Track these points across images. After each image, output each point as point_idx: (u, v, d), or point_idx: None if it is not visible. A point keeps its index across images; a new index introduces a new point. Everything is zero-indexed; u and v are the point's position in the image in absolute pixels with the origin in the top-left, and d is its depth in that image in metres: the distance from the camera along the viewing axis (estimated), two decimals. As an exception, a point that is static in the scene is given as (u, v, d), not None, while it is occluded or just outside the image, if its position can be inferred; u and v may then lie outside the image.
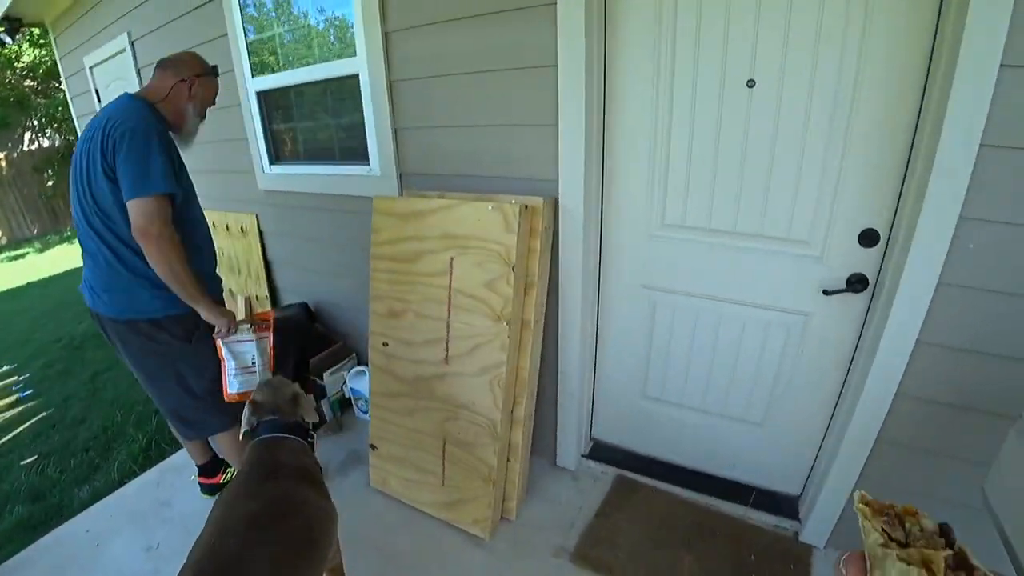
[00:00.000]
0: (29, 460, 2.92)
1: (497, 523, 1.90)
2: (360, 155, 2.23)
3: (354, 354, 2.73)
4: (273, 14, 2.41)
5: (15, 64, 9.71)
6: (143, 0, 3.18)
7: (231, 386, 1.82)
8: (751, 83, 1.51)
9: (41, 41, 9.04)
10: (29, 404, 3.66)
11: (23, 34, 5.91)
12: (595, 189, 1.78)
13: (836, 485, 1.64)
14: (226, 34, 2.58)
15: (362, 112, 2.12)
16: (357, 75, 2.09)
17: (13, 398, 3.73)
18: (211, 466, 2.19)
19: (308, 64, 2.35)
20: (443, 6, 1.76)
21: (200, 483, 2.23)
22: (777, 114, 1.50)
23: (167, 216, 1.55)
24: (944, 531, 0.48)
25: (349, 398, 2.60)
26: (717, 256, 1.72)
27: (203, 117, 1.84)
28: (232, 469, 2.17)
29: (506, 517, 1.94)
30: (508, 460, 1.88)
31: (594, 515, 1.93)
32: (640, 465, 2.10)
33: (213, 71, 1.82)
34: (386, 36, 1.94)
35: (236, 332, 1.78)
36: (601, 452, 2.18)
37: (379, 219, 1.90)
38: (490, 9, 1.67)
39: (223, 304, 1.81)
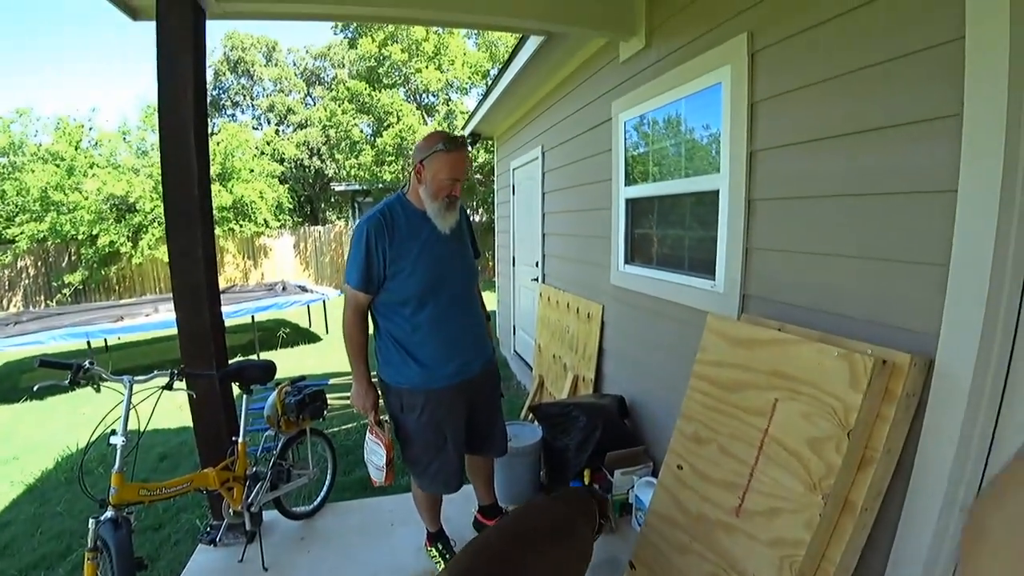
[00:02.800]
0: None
1: None
2: (706, 269, 2.22)
3: (651, 463, 2.63)
4: (651, 133, 2.70)
5: (473, 163, 13.80)
6: (554, 124, 4.06)
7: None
8: None
9: (490, 148, 12.48)
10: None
11: (481, 143, 8.37)
12: (998, 356, 1.25)
13: None
14: (610, 149, 3.02)
15: (716, 227, 2.13)
16: (717, 191, 2.12)
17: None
18: (492, 510, 2.42)
19: (674, 178, 2.52)
20: (816, 125, 1.64)
21: (476, 518, 2.46)
22: None
23: (353, 303, 1.88)
24: None
25: (631, 504, 2.51)
26: None
27: (450, 197, 1.84)
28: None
29: None
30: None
31: None
32: None
33: (442, 147, 1.77)
34: (751, 155, 1.92)
35: (368, 419, 2.02)
36: None
37: (709, 337, 1.83)
38: (871, 125, 1.46)
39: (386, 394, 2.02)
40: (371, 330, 1.99)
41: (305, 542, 2.41)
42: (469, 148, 1.90)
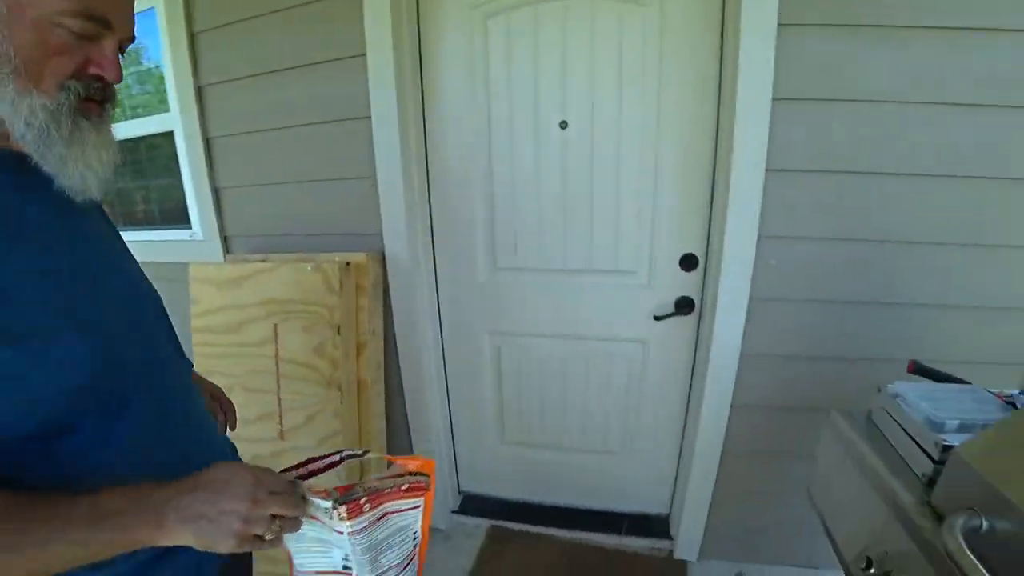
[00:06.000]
0: None
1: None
2: (181, 218, 2.02)
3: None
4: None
5: None
6: None
7: None
8: (564, 124, 1.55)
9: None
10: None
11: None
12: (422, 238, 1.73)
13: (697, 497, 1.67)
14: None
15: (180, 172, 1.95)
16: (172, 132, 1.92)
17: None
18: None
19: (121, 121, 2.13)
20: (261, 58, 1.68)
21: None
22: (591, 153, 1.56)
23: None
24: None
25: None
26: (553, 294, 1.72)
27: (81, 79, 0.58)
28: None
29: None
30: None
31: (468, 573, 1.82)
32: (512, 512, 2.02)
33: None
34: (199, 90, 1.81)
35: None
36: (472, 505, 2.08)
37: (197, 288, 1.72)
38: (313, 60, 1.61)
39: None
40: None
41: None
42: None
